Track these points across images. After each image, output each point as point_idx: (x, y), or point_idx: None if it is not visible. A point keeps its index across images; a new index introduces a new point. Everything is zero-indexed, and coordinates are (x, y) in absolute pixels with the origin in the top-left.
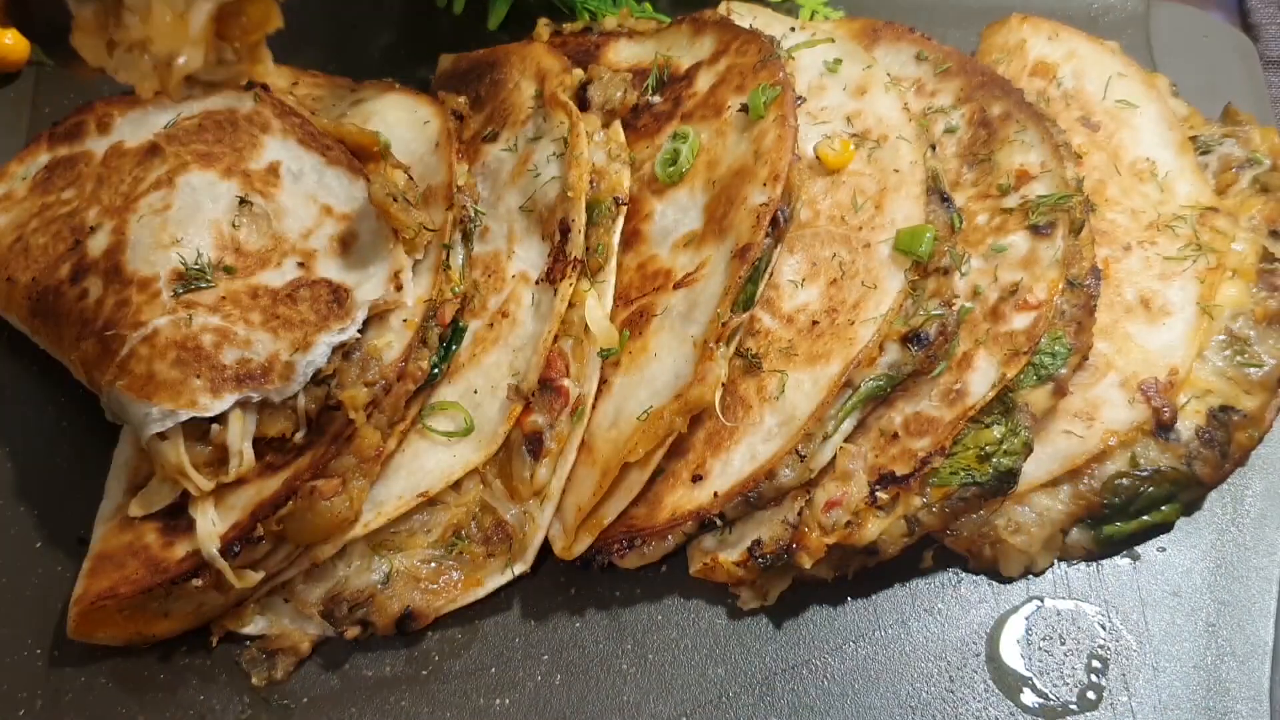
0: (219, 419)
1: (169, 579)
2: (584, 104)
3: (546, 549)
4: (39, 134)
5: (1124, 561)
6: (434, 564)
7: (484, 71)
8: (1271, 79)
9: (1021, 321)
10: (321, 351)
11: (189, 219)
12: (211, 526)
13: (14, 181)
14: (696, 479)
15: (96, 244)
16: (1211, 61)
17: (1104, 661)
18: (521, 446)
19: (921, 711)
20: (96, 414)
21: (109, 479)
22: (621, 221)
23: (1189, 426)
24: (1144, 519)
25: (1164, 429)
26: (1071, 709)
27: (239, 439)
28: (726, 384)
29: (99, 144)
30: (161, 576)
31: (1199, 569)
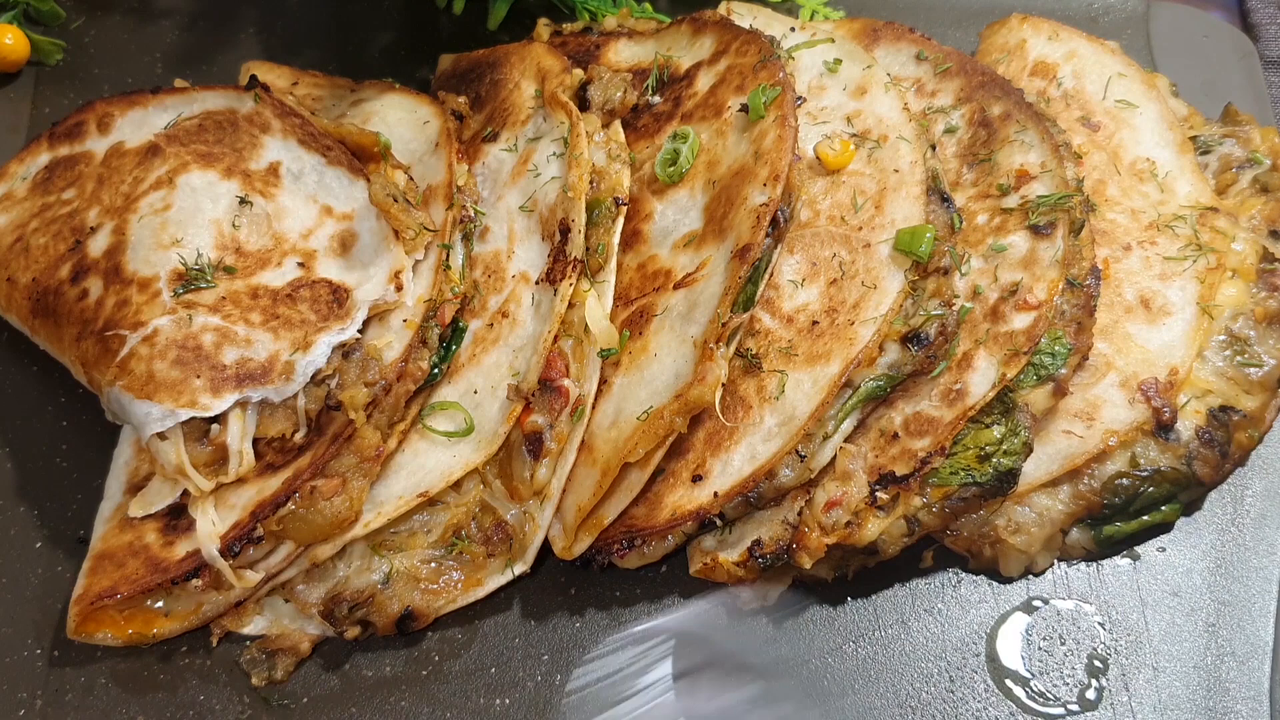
0: (219, 419)
1: (169, 579)
2: (584, 104)
3: (546, 549)
4: (39, 134)
5: (1124, 561)
6: (434, 564)
7: (484, 71)
8: (1271, 79)
9: (1021, 321)
10: (321, 351)
11: (189, 219)
12: (212, 526)
13: (14, 181)
14: (696, 479)
15: (97, 244)
16: (1211, 61)
17: (1104, 661)
18: (521, 446)
19: (921, 711)
20: (96, 414)
21: (109, 479)
22: (621, 221)
23: (1189, 426)
24: (1144, 519)
25: (1164, 429)
26: (1071, 709)
27: (239, 439)
28: (726, 384)
29: (99, 144)
30: (162, 576)
31: (1199, 569)
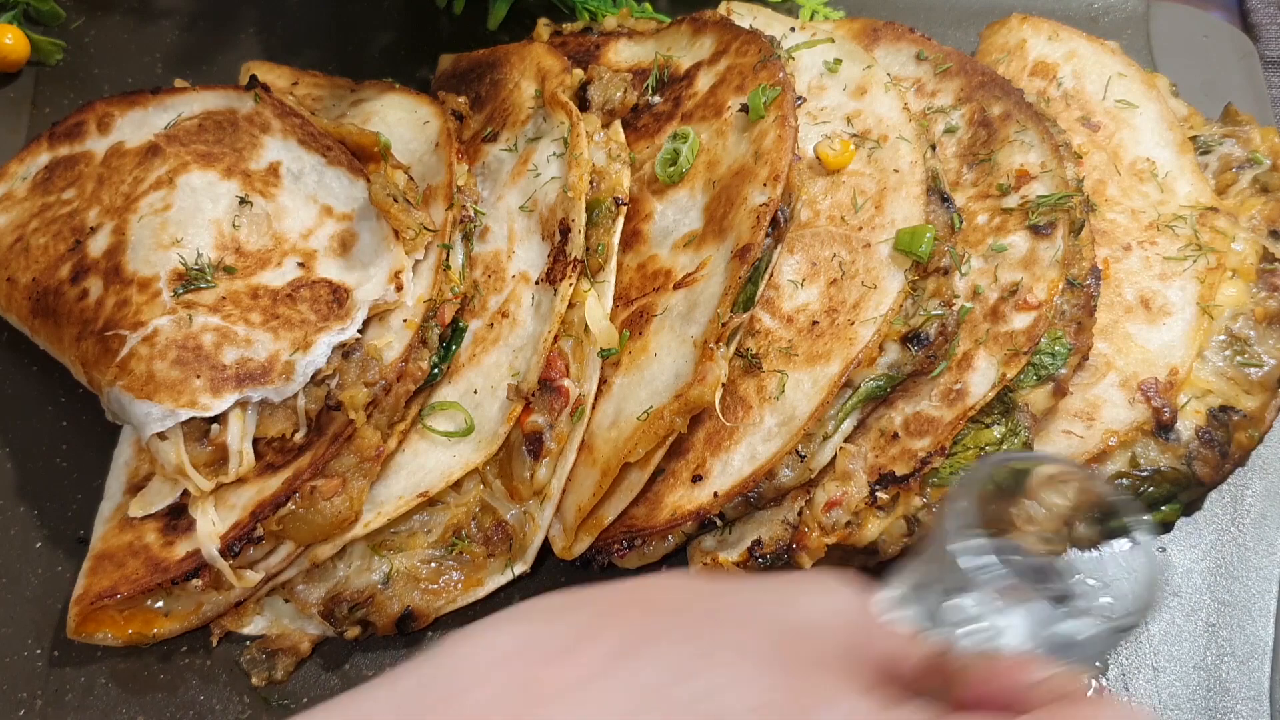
0: (219, 419)
1: (169, 579)
2: (584, 104)
3: (546, 549)
4: (39, 134)
5: None
6: (434, 564)
7: (484, 71)
8: (1271, 79)
9: (1021, 321)
10: (321, 351)
11: (189, 219)
12: (212, 526)
13: (14, 181)
14: (696, 479)
15: (97, 244)
16: (1211, 61)
17: (1104, 662)
18: (521, 446)
19: None
20: (96, 414)
21: (109, 479)
22: (621, 221)
23: (1189, 426)
24: None
25: (1164, 429)
26: None
27: (239, 439)
28: (726, 384)
29: (99, 144)
30: (162, 576)
31: (1199, 569)
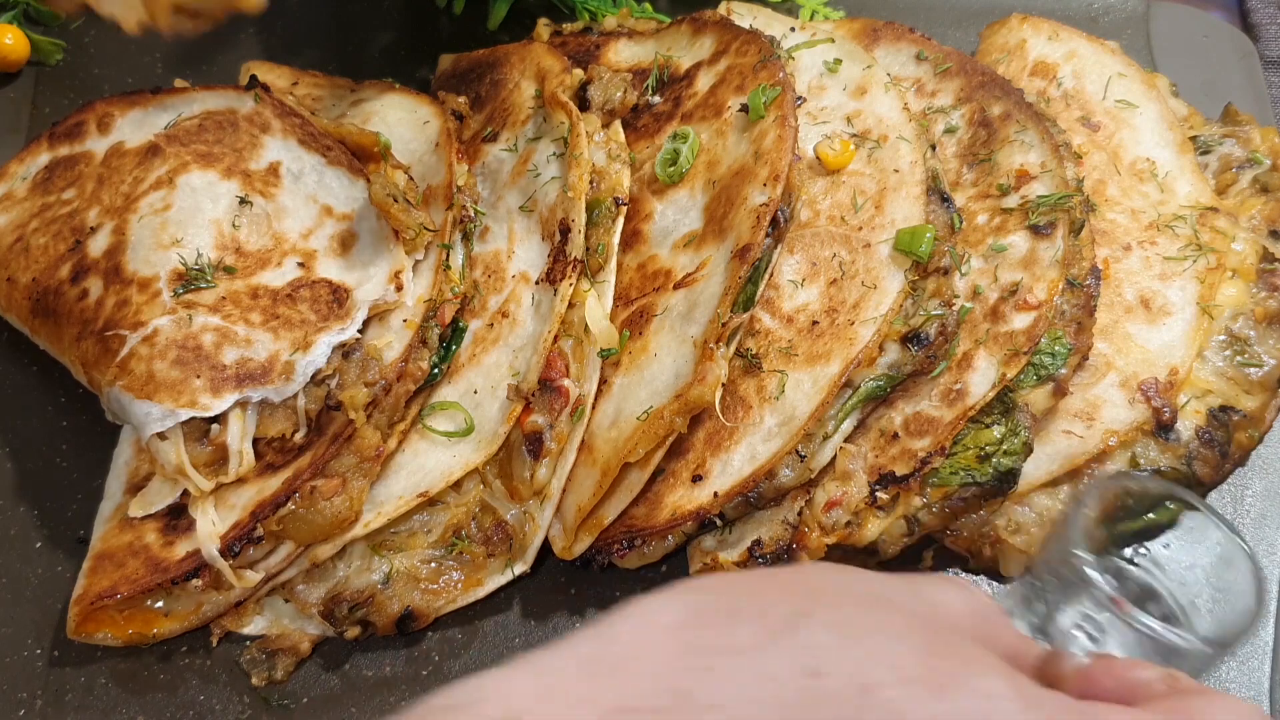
0: (219, 419)
1: (169, 579)
2: (584, 104)
3: (546, 549)
4: (39, 134)
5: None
6: (434, 564)
7: (484, 71)
8: (1271, 79)
9: (1021, 321)
10: (321, 351)
11: (189, 219)
12: (212, 526)
13: (14, 181)
14: (696, 479)
15: (97, 244)
16: (1211, 61)
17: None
18: (521, 446)
19: None
20: (96, 414)
21: (109, 479)
22: (621, 221)
23: (1189, 426)
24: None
25: (1164, 429)
26: None
27: (239, 439)
28: (726, 384)
29: (99, 144)
30: (162, 576)
31: None
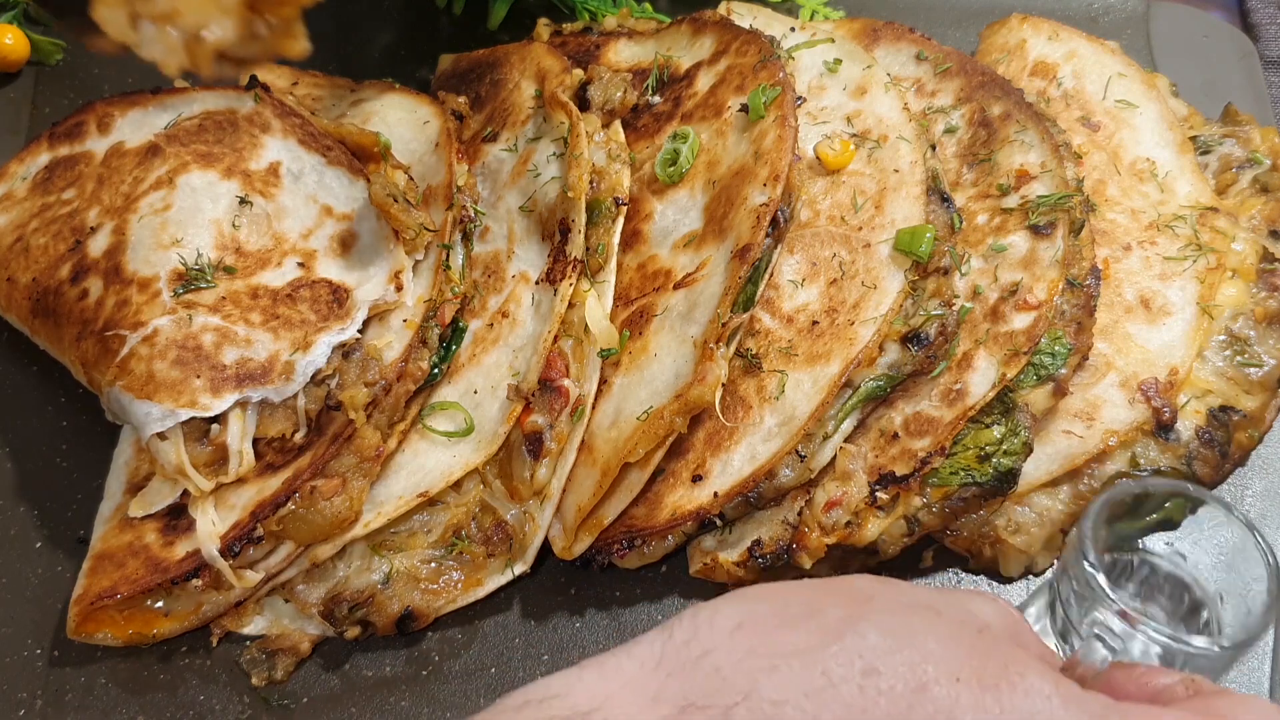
0: (219, 419)
1: (169, 579)
2: (584, 104)
3: (546, 549)
4: (39, 134)
5: None
6: (434, 564)
7: (484, 71)
8: (1271, 79)
9: (1021, 321)
10: (321, 351)
11: (189, 219)
12: (212, 526)
13: (14, 181)
14: (696, 479)
15: (97, 244)
16: (1211, 61)
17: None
18: (521, 446)
19: None
20: (96, 414)
21: (109, 479)
22: (621, 222)
23: (1189, 426)
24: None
25: (1164, 429)
26: None
27: (239, 439)
28: (726, 384)
29: (99, 144)
30: (162, 576)
31: None
